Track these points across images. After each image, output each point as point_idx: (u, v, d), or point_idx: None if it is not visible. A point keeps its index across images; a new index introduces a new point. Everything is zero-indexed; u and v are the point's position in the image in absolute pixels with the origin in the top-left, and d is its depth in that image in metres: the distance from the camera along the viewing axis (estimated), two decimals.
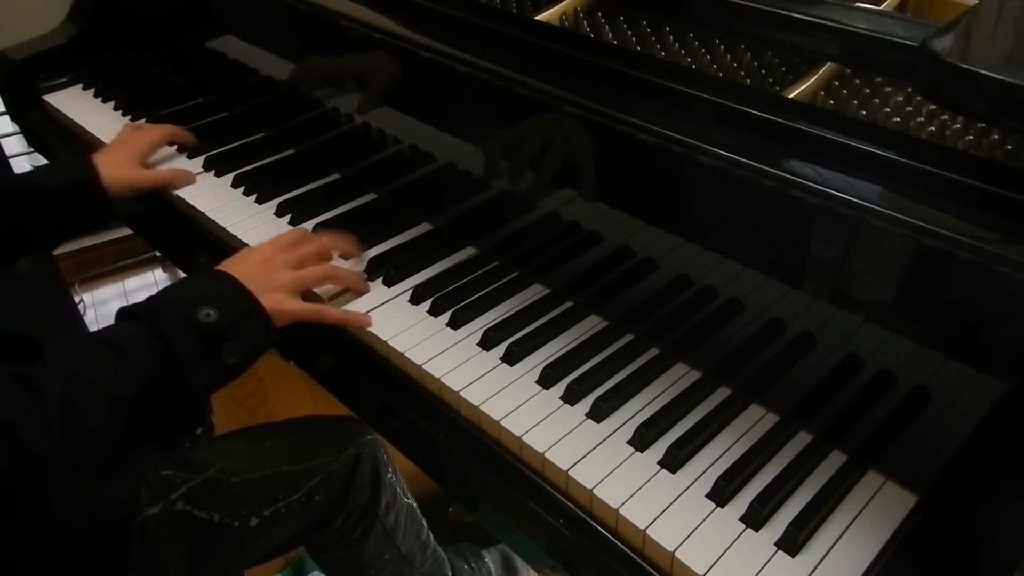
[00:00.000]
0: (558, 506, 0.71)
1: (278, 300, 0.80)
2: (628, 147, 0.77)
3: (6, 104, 1.45)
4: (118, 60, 1.44)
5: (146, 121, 1.29)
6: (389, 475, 1.07)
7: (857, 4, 0.75)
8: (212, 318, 0.72)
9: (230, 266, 0.82)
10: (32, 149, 1.68)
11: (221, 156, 1.17)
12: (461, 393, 0.78)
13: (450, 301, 0.88)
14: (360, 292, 0.89)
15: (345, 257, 0.95)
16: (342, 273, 0.89)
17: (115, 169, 1.03)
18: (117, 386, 0.66)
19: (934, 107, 0.73)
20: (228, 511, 0.91)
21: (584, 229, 0.89)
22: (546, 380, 0.79)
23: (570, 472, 0.70)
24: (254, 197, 1.08)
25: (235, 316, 0.74)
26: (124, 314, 0.73)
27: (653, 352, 0.82)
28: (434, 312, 0.88)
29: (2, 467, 0.59)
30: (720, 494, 0.68)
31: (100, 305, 2.26)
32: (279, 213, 1.05)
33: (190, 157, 1.18)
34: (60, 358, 0.66)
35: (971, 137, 0.70)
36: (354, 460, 1.01)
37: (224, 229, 1.03)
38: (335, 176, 1.13)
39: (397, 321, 0.87)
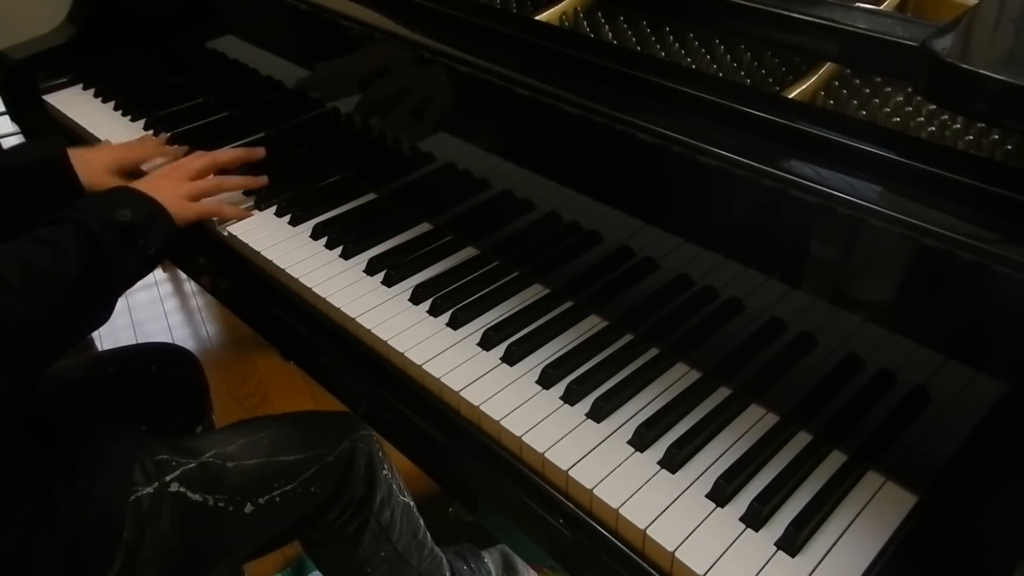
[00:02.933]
0: (558, 506, 0.71)
1: (178, 206, 0.95)
2: (628, 147, 0.77)
3: (6, 104, 1.44)
4: (118, 60, 1.44)
5: (146, 121, 1.29)
6: (384, 471, 1.07)
7: (857, 4, 0.75)
8: (128, 217, 0.86)
9: (138, 183, 0.97)
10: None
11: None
12: (461, 393, 0.78)
13: (450, 301, 0.88)
14: (250, 186, 1.08)
15: (242, 166, 1.09)
16: (228, 181, 1.06)
17: (87, 169, 1.03)
18: (62, 269, 0.79)
19: (934, 107, 0.73)
20: (223, 495, 0.91)
21: (584, 229, 0.89)
22: (546, 380, 0.79)
23: (570, 472, 0.70)
24: (254, 199, 1.08)
25: (147, 216, 0.89)
26: (49, 221, 0.84)
27: (653, 352, 0.82)
28: (434, 312, 0.88)
29: None
30: (720, 494, 0.68)
31: None
32: (279, 213, 1.05)
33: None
34: (8, 251, 0.79)
35: (971, 137, 0.70)
36: (349, 453, 1.01)
37: (232, 235, 1.03)
38: (335, 176, 1.13)
39: (397, 321, 0.87)
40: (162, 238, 0.90)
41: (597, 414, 0.75)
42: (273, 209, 1.06)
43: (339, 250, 0.98)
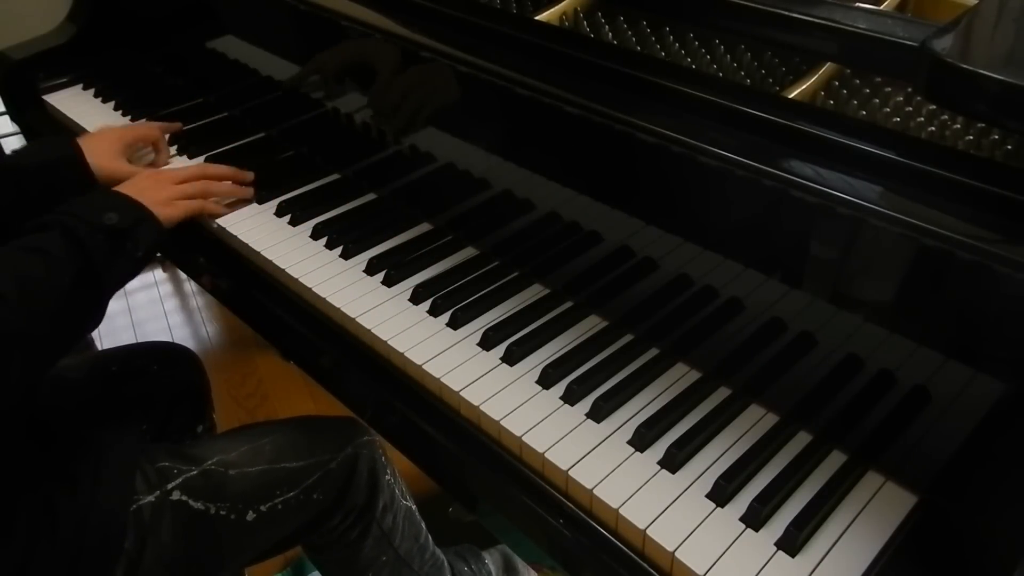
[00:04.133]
0: (558, 506, 0.71)
1: (164, 206, 0.95)
2: (628, 147, 0.77)
3: (6, 104, 1.44)
4: (118, 60, 1.44)
5: (146, 121, 1.29)
6: (387, 477, 1.07)
7: (857, 4, 0.75)
8: (114, 220, 0.86)
9: (121, 187, 0.96)
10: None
11: (221, 156, 1.17)
12: (461, 393, 0.78)
13: (450, 301, 0.88)
14: (238, 197, 1.07)
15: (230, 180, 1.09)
16: (215, 187, 1.06)
17: (97, 157, 1.04)
18: (55, 278, 0.80)
19: (934, 107, 0.73)
20: (224, 503, 0.91)
21: (584, 229, 0.89)
22: (546, 380, 0.79)
23: (570, 472, 0.70)
24: (254, 198, 1.08)
25: (134, 220, 0.89)
26: (37, 227, 0.84)
27: (653, 352, 0.82)
28: (434, 312, 0.88)
29: None
30: (720, 494, 0.68)
31: None
32: (279, 213, 1.05)
33: (191, 156, 1.18)
34: (1, 263, 0.79)
35: (971, 137, 0.70)
36: (352, 460, 1.01)
37: (232, 235, 1.03)
38: (335, 176, 1.13)
39: (397, 321, 0.87)
40: (149, 240, 0.91)
41: (597, 414, 0.75)
42: (273, 209, 1.06)
43: (339, 250, 0.98)
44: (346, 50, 1.05)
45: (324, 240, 0.99)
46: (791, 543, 0.64)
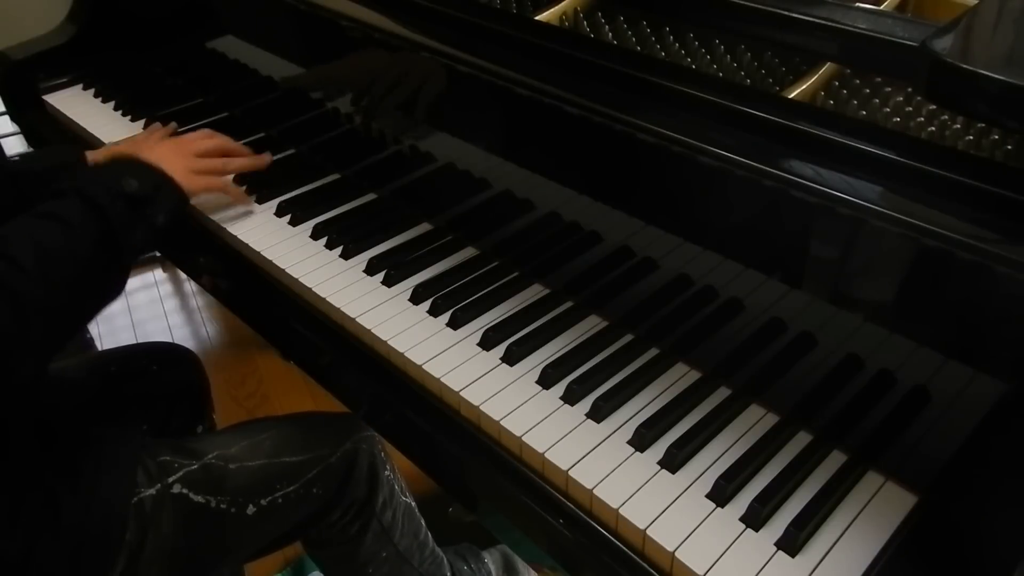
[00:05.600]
0: (558, 506, 0.71)
1: (184, 178, 0.95)
2: (628, 147, 0.77)
3: (6, 104, 1.45)
4: (118, 60, 1.44)
5: (146, 121, 1.29)
6: (387, 472, 1.07)
7: (857, 4, 0.75)
8: (135, 187, 0.85)
9: (142, 153, 0.96)
10: (32, 149, 1.68)
11: None
12: (461, 393, 0.78)
13: (450, 301, 0.88)
14: (254, 167, 1.09)
15: (241, 154, 1.09)
16: (233, 163, 1.06)
17: None
18: (74, 245, 0.79)
19: (934, 107, 0.73)
20: (225, 497, 0.91)
21: (584, 229, 0.89)
22: (546, 380, 0.79)
23: (570, 472, 0.70)
24: (254, 197, 1.08)
25: (154, 186, 0.88)
26: (56, 193, 0.83)
27: (653, 352, 0.82)
28: (434, 312, 0.88)
29: (4, 318, 0.72)
30: (720, 494, 0.68)
31: None
32: (279, 213, 1.05)
33: None
34: (18, 231, 0.78)
35: (971, 137, 0.70)
36: (352, 455, 1.01)
37: (232, 235, 1.03)
38: (335, 176, 1.13)
39: (397, 321, 0.87)
40: (169, 207, 0.90)
41: (597, 414, 0.75)
42: (273, 209, 1.06)
43: (339, 250, 0.98)
44: (346, 50, 1.05)
45: (324, 240, 0.99)
46: (791, 543, 0.64)
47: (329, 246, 0.99)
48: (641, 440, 0.72)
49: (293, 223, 1.03)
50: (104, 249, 0.81)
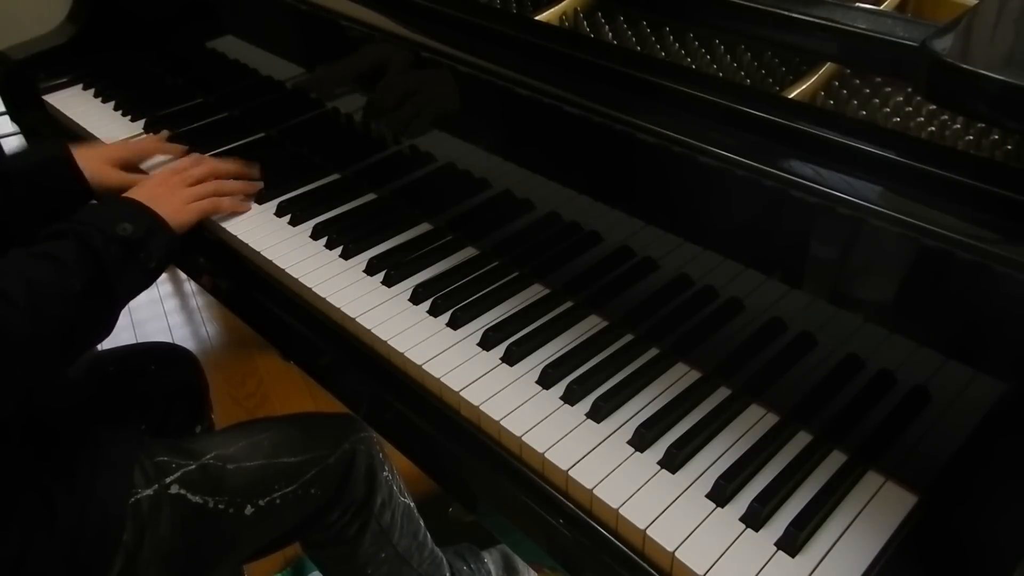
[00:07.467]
0: (558, 506, 0.71)
1: (177, 212, 0.96)
2: (628, 147, 0.77)
3: (6, 104, 1.44)
4: (118, 60, 1.44)
5: (146, 121, 1.29)
6: (385, 473, 1.07)
7: (857, 4, 0.75)
8: (129, 231, 0.87)
9: (134, 192, 0.96)
10: None
11: (221, 156, 1.17)
12: (461, 393, 0.78)
13: (450, 301, 0.88)
14: (248, 193, 1.07)
15: (239, 177, 1.09)
16: (227, 186, 1.06)
17: (89, 161, 1.04)
18: (65, 284, 0.80)
19: (934, 107, 0.73)
20: (223, 497, 0.91)
21: (584, 229, 0.89)
22: (546, 380, 0.79)
23: (570, 472, 0.70)
24: (254, 198, 1.08)
25: (147, 230, 0.89)
26: (51, 235, 0.84)
27: (653, 352, 0.82)
28: (434, 312, 0.88)
29: None
30: (720, 494, 0.68)
31: None
32: (279, 213, 1.05)
33: None
34: (11, 266, 0.79)
35: (971, 137, 0.70)
36: (350, 455, 1.01)
37: (232, 235, 1.03)
38: (335, 176, 1.13)
39: (397, 321, 0.87)
40: (162, 251, 0.91)
41: (597, 414, 0.75)
42: (273, 209, 1.06)
43: (339, 250, 0.98)
44: (346, 50, 1.05)
45: (324, 240, 0.99)
46: (791, 543, 0.64)
47: (329, 246, 0.99)
48: (641, 440, 0.72)
49: (293, 223, 1.03)
50: (95, 292, 0.82)
